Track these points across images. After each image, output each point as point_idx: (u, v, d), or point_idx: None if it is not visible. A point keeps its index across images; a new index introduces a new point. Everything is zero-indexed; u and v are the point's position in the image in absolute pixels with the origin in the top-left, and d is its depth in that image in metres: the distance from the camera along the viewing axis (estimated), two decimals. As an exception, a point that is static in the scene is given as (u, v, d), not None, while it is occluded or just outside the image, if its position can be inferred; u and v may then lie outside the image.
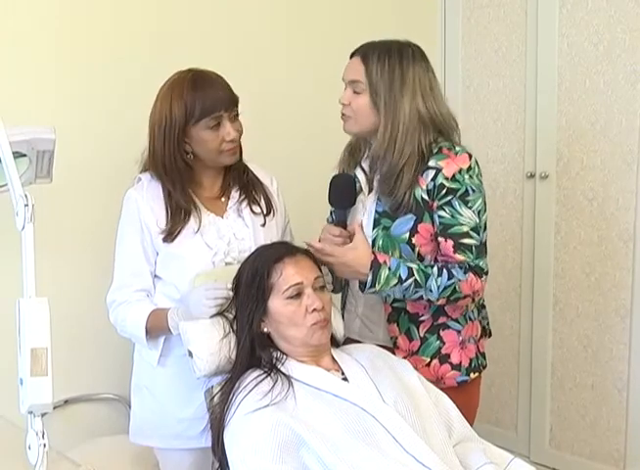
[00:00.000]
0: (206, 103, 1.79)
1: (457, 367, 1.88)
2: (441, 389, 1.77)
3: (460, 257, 1.77)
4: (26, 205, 1.40)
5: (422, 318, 1.88)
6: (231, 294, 1.71)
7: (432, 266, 1.77)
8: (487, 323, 2.06)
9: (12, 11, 2.06)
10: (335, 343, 1.77)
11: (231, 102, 1.84)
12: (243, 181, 1.95)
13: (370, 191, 1.91)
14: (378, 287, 1.74)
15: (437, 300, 1.78)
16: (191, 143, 1.83)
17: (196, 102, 1.78)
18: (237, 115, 1.86)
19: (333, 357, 1.69)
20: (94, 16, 2.21)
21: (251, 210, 1.92)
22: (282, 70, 2.64)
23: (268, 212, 1.94)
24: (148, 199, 1.86)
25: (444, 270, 1.76)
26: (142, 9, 2.31)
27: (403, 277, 1.74)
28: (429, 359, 1.88)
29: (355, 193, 1.90)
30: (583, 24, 2.70)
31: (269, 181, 2.01)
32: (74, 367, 2.21)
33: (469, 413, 1.82)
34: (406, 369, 1.73)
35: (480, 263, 1.79)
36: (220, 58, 2.33)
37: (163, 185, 1.85)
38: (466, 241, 1.78)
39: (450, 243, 1.78)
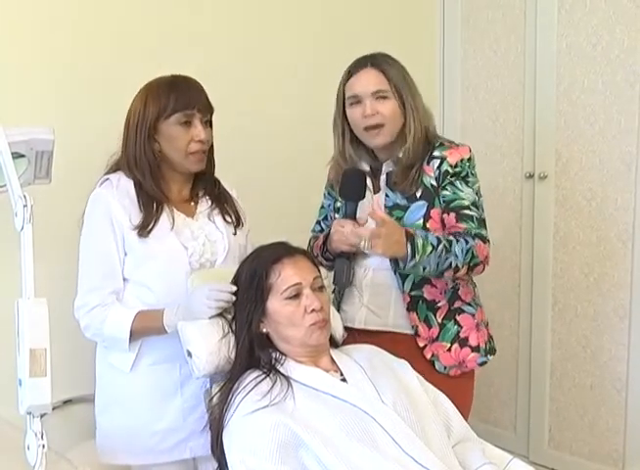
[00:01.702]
0: (180, 99, 1.80)
1: (477, 349, 1.98)
2: (463, 373, 1.96)
3: (463, 225, 1.88)
4: (25, 205, 1.40)
5: (439, 305, 1.96)
6: (234, 298, 1.70)
7: (448, 235, 1.87)
8: None
9: (11, 11, 2.06)
10: (334, 343, 1.78)
11: (205, 107, 1.85)
12: (214, 193, 1.95)
13: (376, 191, 1.99)
14: (418, 257, 1.78)
15: (462, 266, 1.85)
16: (160, 140, 1.82)
17: (170, 97, 1.80)
18: (209, 123, 1.86)
19: (332, 358, 1.70)
20: (93, 17, 2.21)
21: (224, 218, 1.93)
22: (280, 69, 2.64)
23: (238, 224, 1.95)
24: (119, 197, 1.82)
25: (459, 237, 1.86)
26: (141, 10, 2.31)
27: (434, 244, 1.81)
28: (449, 345, 1.96)
29: (366, 187, 1.94)
30: (582, 25, 2.70)
31: (230, 190, 2.01)
32: (73, 368, 2.21)
33: (467, 402, 1.92)
34: (405, 370, 1.73)
35: (482, 232, 1.90)
36: (218, 58, 2.34)
37: (135, 179, 1.83)
38: (467, 212, 1.89)
39: (453, 215, 1.89)
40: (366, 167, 2.01)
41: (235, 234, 1.93)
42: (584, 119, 2.74)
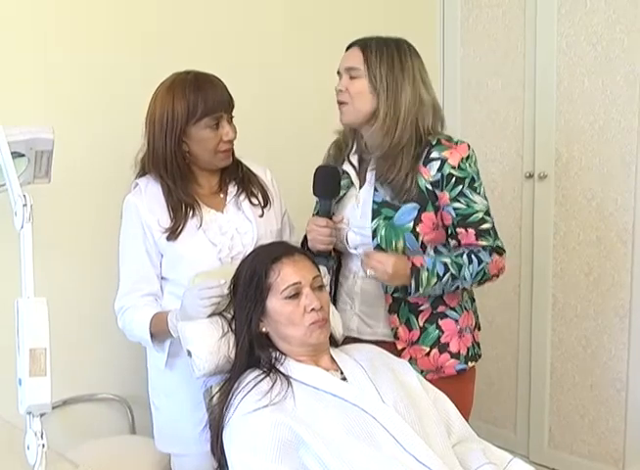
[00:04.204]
0: (209, 103, 1.82)
1: (456, 356, 1.94)
2: (440, 378, 1.89)
3: (483, 242, 1.87)
4: (25, 205, 1.40)
5: (421, 308, 1.93)
6: (225, 291, 1.71)
7: (461, 255, 1.84)
8: (477, 317, 2.09)
9: (10, 10, 2.06)
10: (333, 342, 1.78)
11: (229, 105, 1.88)
12: (238, 176, 1.97)
13: (362, 184, 1.94)
14: (422, 290, 1.80)
15: (471, 285, 1.89)
16: (189, 142, 1.85)
17: (198, 101, 1.82)
18: (232, 117, 1.89)
19: (332, 357, 1.70)
20: (92, 16, 2.21)
21: (250, 201, 1.95)
22: (280, 68, 2.64)
23: (265, 204, 1.97)
24: (147, 202, 1.87)
25: (473, 256, 1.84)
26: (140, 9, 2.31)
27: (441, 274, 1.80)
28: (428, 349, 1.93)
29: (340, 183, 1.93)
30: (582, 25, 2.70)
31: (263, 173, 2.04)
32: (73, 367, 2.21)
33: (464, 403, 1.85)
34: (405, 369, 1.73)
35: (499, 244, 1.90)
36: (219, 56, 2.34)
37: (163, 184, 1.87)
38: (484, 226, 1.87)
39: (472, 232, 1.86)
40: (353, 159, 1.97)
41: (262, 216, 1.94)
42: (584, 119, 2.73)
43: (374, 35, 1.90)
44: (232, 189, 1.95)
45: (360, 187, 1.95)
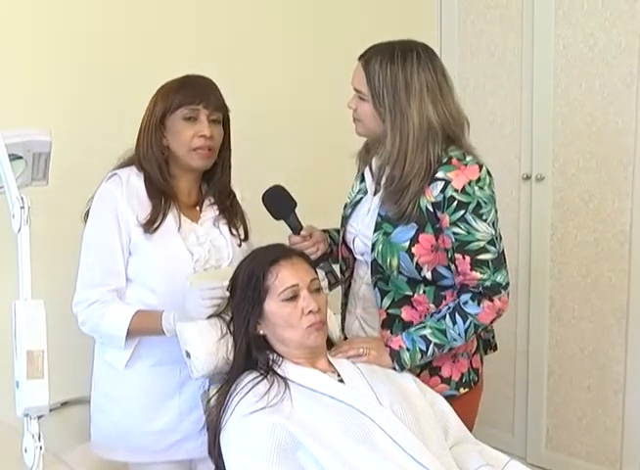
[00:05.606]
0: (187, 94, 1.81)
1: (447, 381, 1.85)
2: None
3: (477, 274, 1.73)
4: (22, 207, 1.40)
5: None
6: (227, 293, 1.71)
7: (443, 318, 1.75)
8: (493, 336, 2.04)
9: (7, 11, 2.06)
10: (331, 345, 1.78)
11: (213, 103, 1.83)
12: (225, 205, 1.94)
13: (376, 192, 1.88)
14: (409, 367, 1.76)
15: (467, 340, 1.78)
16: (167, 135, 1.83)
17: (178, 93, 1.81)
18: (219, 121, 1.85)
19: (329, 360, 1.70)
20: (92, 17, 2.21)
21: (230, 231, 1.93)
22: (280, 68, 2.64)
23: (246, 238, 1.95)
24: (127, 196, 1.81)
25: (456, 315, 1.75)
26: (140, 9, 2.31)
27: (424, 348, 1.74)
28: (418, 370, 1.83)
29: (288, 196, 1.92)
30: (579, 26, 2.71)
31: (237, 191, 2.00)
32: (71, 369, 2.20)
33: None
34: (402, 372, 1.74)
35: (498, 278, 1.75)
36: (219, 56, 2.34)
37: (145, 173, 1.84)
38: (483, 257, 1.73)
39: (467, 260, 1.73)
40: (374, 163, 1.89)
41: (240, 246, 1.93)
42: (581, 121, 2.74)
43: (384, 42, 1.79)
44: (212, 211, 1.92)
45: (375, 194, 1.87)
